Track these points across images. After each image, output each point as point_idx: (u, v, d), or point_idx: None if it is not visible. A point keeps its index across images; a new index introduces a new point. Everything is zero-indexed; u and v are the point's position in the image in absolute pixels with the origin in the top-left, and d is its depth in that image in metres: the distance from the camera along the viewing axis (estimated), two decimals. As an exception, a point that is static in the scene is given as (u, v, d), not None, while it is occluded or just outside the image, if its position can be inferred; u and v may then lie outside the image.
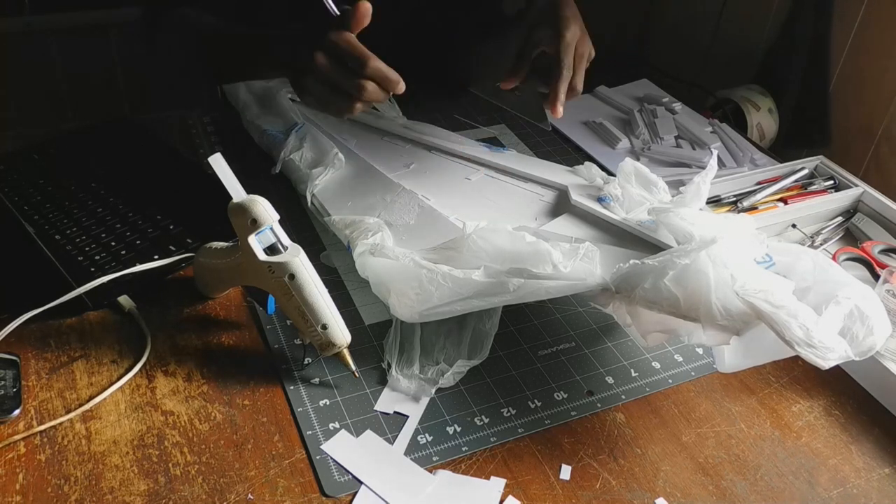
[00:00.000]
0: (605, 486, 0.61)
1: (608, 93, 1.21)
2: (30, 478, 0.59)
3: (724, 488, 0.62)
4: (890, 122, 1.16)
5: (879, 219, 0.91)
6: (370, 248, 0.70)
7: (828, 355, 0.56)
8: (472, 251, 0.67)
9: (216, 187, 0.65)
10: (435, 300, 0.64)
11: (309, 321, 0.66)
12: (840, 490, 0.62)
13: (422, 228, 0.77)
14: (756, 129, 1.25)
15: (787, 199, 0.94)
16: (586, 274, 0.63)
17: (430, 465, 0.62)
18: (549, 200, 0.83)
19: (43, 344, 0.71)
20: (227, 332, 0.74)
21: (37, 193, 0.90)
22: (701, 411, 0.69)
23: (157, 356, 0.70)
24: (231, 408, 0.66)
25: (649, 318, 0.64)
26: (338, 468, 0.61)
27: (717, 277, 0.59)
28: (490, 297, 0.64)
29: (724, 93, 1.29)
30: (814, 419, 0.69)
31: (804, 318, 0.56)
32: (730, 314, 0.58)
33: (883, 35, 1.15)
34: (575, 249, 0.64)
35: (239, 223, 0.65)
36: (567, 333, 0.76)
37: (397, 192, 0.83)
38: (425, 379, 0.68)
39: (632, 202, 0.78)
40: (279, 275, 0.65)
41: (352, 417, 0.65)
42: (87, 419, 0.64)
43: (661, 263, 0.61)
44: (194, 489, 0.59)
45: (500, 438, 0.65)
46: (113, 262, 0.78)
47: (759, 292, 0.57)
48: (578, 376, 0.71)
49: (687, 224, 0.68)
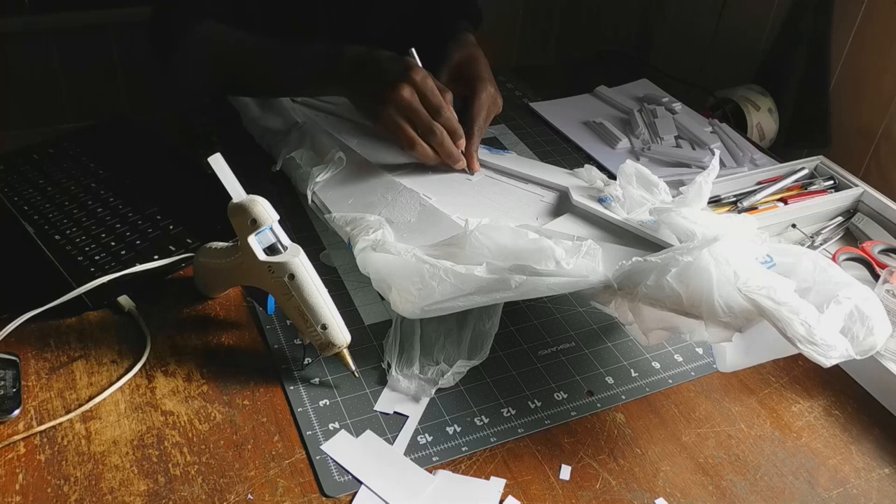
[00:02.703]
0: (605, 486, 0.61)
1: (608, 93, 1.21)
2: (29, 478, 0.59)
3: (724, 488, 0.62)
4: (890, 122, 1.16)
5: (879, 219, 0.91)
6: (371, 244, 0.70)
7: (829, 353, 0.56)
8: (474, 248, 0.67)
9: (216, 187, 0.65)
10: (437, 296, 0.64)
11: (309, 321, 0.66)
12: (840, 490, 0.62)
13: (423, 226, 0.77)
14: (756, 129, 1.25)
15: (787, 199, 0.93)
16: (589, 271, 0.63)
17: (430, 466, 0.62)
18: (550, 201, 0.83)
19: (43, 344, 0.71)
20: (227, 332, 0.74)
21: (37, 193, 0.90)
22: (701, 411, 0.69)
23: (156, 356, 0.70)
24: (231, 408, 0.66)
25: (651, 315, 0.64)
26: (338, 468, 0.61)
27: (720, 274, 0.59)
28: (492, 294, 0.64)
29: (724, 93, 1.28)
30: (814, 419, 0.69)
31: (806, 315, 0.56)
32: (732, 311, 0.58)
33: (883, 35, 1.15)
34: (577, 247, 0.64)
35: (239, 223, 0.65)
36: (567, 333, 0.76)
37: (398, 190, 0.83)
38: (425, 379, 0.68)
39: (633, 203, 0.78)
40: (279, 275, 0.65)
41: (352, 417, 0.65)
42: (87, 419, 0.64)
43: (664, 261, 0.61)
44: (194, 489, 0.59)
45: (500, 438, 0.65)
46: (113, 262, 0.78)
47: (762, 289, 0.58)
48: (578, 376, 0.71)
49: (689, 223, 0.68)
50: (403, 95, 0.80)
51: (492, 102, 0.92)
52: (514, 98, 1.21)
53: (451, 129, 0.83)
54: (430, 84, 0.82)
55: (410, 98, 0.80)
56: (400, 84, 0.80)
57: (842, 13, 1.21)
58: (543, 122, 1.14)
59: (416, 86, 0.81)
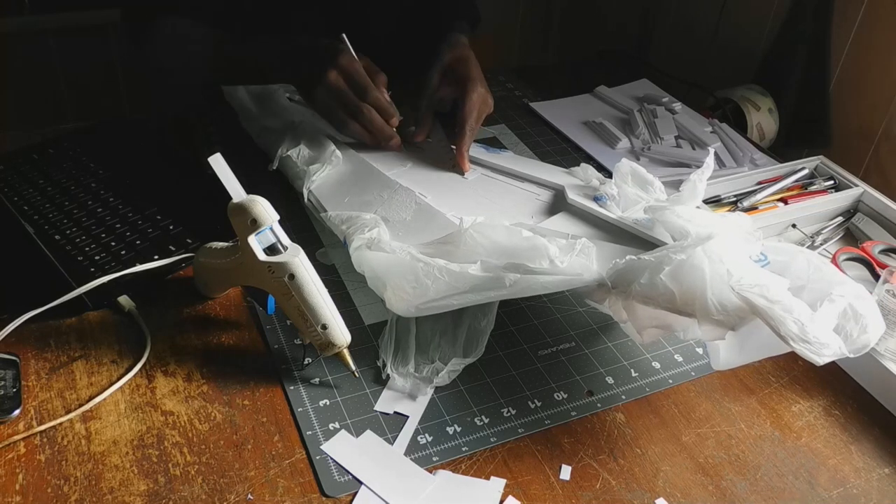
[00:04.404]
0: (605, 486, 0.61)
1: (608, 93, 1.21)
2: (29, 478, 0.59)
3: (724, 488, 0.62)
4: (890, 122, 1.16)
5: (879, 219, 0.91)
6: (367, 243, 0.70)
7: (822, 351, 0.56)
8: (468, 246, 0.67)
9: (216, 187, 0.65)
10: (431, 294, 0.64)
11: (309, 321, 0.66)
12: (840, 490, 0.62)
13: (418, 225, 0.77)
14: (756, 129, 1.25)
15: (787, 199, 0.94)
16: (583, 269, 0.63)
17: (430, 466, 0.62)
18: (546, 199, 0.83)
19: (43, 344, 0.71)
20: (227, 332, 0.74)
21: (37, 193, 0.90)
22: (701, 411, 0.69)
23: (156, 356, 0.70)
24: (231, 408, 0.66)
25: (645, 313, 0.64)
26: (338, 468, 0.61)
27: (713, 273, 0.59)
28: (486, 292, 0.64)
29: (724, 93, 1.28)
30: (814, 419, 0.69)
31: (799, 313, 0.56)
32: (725, 309, 0.58)
33: (883, 35, 1.15)
34: (571, 245, 0.64)
35: (239, 223, 0.65)
36: (567, 333, 0.76)
37: (394, 189, 0.83)
38: (421, 377, 0.68)
39: (628, 201, 0.78)
40: (279, 275, 0.65)
41: (352, 417, 0.65)
42: (87, 419, 0.64)
43: (658, 259, 0.61)
44: (194, 489, 0.59)
45: (500, 438, 0.65)
46: (113, 262, 0.78)
47: (755, 287, 0.58)
48: (578, 376, 0.71)
49: (683, 221, 0.68)
50: (330, 79, 0.85)
51: (482, 103, 0.93)
52: (514, 98, 1.21)
53: (380, 107, 0.87)
54: (356, 67, 0.86)
55: (336, 81, 0.85)
56: (328, 69, 0.85)
57: (842, 13, 1.21)
58: (543, 122, 1.14)
59: (342, 70, 0.86)
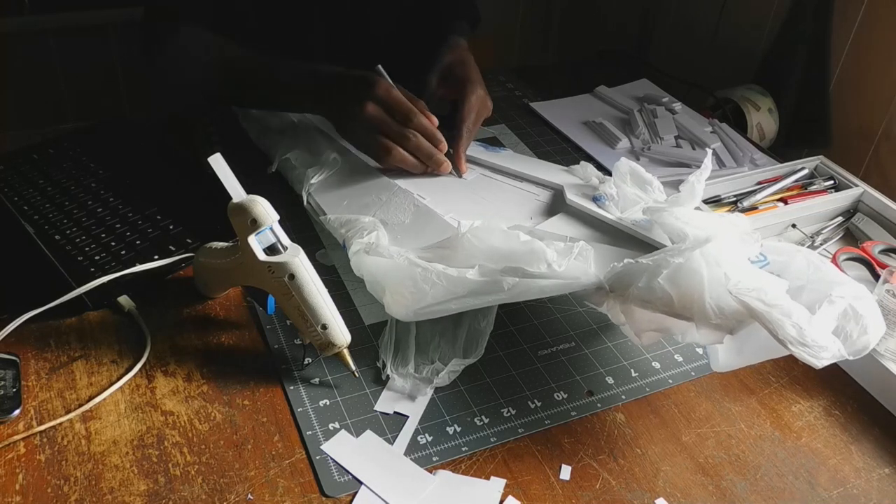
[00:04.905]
0: (605, 486, 0.61)
1: (608, 93, 1.21)
2: (29, 478, 0.59)
3: (724, 488, 0.62)
4: (890, 122, 1.16)
5: (879, 219, 0.91)
6: (365, 247, 0.70)
7: (821, 354, 0.56)
8: (466, 250, 0.67)
9: (216, 187, 0.65)
10: (429, 299, 0.64)
11: (309, 321, 0.66)
12: (840, 490, 0.62)
13: (417, 227, 0.77)
14: (756, 129, 1.25)
15: (787, 199, 0.93)
16: (580, 273, 0.63)
17: (430, 466, 0.62)
18: (545, 200, 0.83)
19: (43, 344, 0.71)
20: (227, 332, 0.74)
21: (37, 193, 0.90)
22: (701, 411, 0.69)
23: (156, 356, 0.70)
24: (231, 408, 0.66)
25: (643, 316, 0.64)
26: (338, 468, 0.61)
27: (711, 276, 0.59)
28: (484, 296, 0.64)
29: (724, 92, 1.28)
30: (814, 419, 0.69)
31: (797, 316, 0.56)
32: (723, 313, 0.58)
33: (883, 35, 1.15)
34: (569, 248, 0.64)
35: (239, 223, 0.65)
36: (567, 333, 0.76)
37: (393, 191, 0.83)
38: (420, 378, 0.68)
39: (627, 201, 0.78)
40: (279, 275, 0.65)
41: (352, 417, 0.65)
42: (87, 419, 0.64)
43: (655, 262, 0.61)
44: (194, 489, 0.59)
45: (500, 438, 0.65)
46: (113, 262, 0.78)
47: (753, 291, 0.57)
48: (578, 376, 0.71)
49: (681, 223, 0.68)
50: (368, 111, 0.82)
51: (481, 105, 0.92)
52: (514, 98, 1.21)
53: (426, 133, 0.83)
54: (395, 94, 0.83)
55: (375, 112, 0.82)
56: (364, 102, 0.82)
57: (842, 13, 1.21)
58: (543, 122, 1.14)
59: (380, 100, 0.82)
